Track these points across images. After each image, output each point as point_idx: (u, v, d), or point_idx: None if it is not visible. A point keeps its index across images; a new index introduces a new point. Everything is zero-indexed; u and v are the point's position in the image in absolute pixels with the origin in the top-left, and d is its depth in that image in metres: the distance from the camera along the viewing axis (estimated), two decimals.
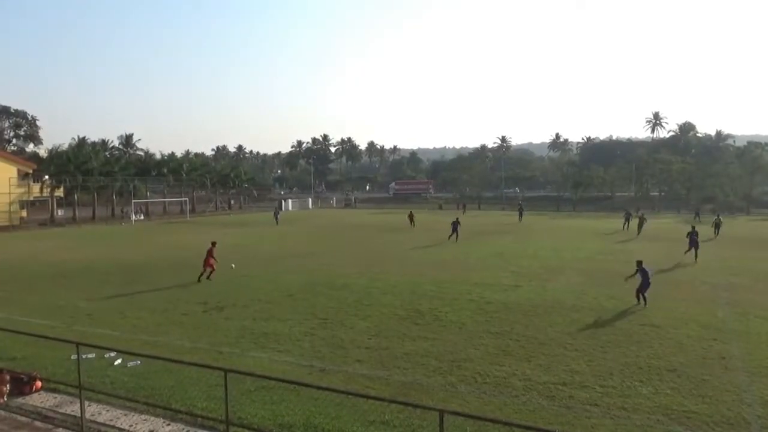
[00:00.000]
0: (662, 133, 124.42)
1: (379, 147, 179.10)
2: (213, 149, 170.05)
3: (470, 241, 35.97)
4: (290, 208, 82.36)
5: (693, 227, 28.35)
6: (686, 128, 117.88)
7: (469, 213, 67.68)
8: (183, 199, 72.53)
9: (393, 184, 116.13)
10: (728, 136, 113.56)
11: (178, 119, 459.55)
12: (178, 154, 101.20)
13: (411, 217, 47.11)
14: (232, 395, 8.12)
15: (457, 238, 34.97)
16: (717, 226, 37.25)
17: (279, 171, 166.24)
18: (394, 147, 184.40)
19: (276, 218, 52.80)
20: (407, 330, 14.58)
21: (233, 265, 23.05)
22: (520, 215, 52.73)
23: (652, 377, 11.05)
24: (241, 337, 14.04)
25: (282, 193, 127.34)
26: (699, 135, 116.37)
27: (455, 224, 35.66)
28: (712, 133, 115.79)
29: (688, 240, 27.08)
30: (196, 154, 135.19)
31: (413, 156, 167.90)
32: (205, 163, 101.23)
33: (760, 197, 79.68)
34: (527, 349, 12.91)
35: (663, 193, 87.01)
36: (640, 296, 16.96)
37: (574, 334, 14.02)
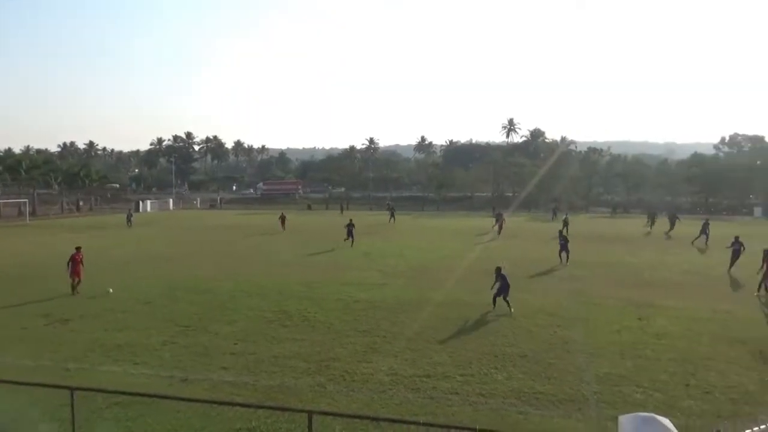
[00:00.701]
0: (516, 138, 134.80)
1: (246, 146, 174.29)
2: (59, 146, 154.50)
3: (339, 241, 36.25)
4: (148, 209, 77.14)
5: (561, 231, 29.28)
6: (536, 134, 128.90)
7: (337, 214, 68.23)
8: (22, 200, 64.97)
9: (261, 184, 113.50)
10: (571, 141, 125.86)
11: (18, 112, 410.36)
12: (17, 150, 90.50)
13: (282, 219, 45.02)
14: (81, 415, 7.40)
15: (353, 242, 32.97)
16: (566, 224, 40.99)
17: (137, 170, 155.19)
18: (263, 146, 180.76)
19: (129, 221, 48.82)
20: (275, 333, 14.31)
21: (110, 290, 19.19)
22: (392, 215, 53.44)
23: (507, 364, 11.90)
24: (90, 350, 12.85)
25: (137, 192, 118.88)
26: (547, 140, 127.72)
27: (350, 227, 33.86)
28: (558, 138, 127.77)
29: (559, 243, 27.06)
30: (39, 151, 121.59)
31: (282, 156, 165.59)
32: (49, 160, 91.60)
33: (597, 197, 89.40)
34: (393, 345, 13.26)
35: (516, 194, 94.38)
36: (496, 300, 16.53)
37: (438, 329, 14.66)
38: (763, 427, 5.67)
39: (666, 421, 5.02)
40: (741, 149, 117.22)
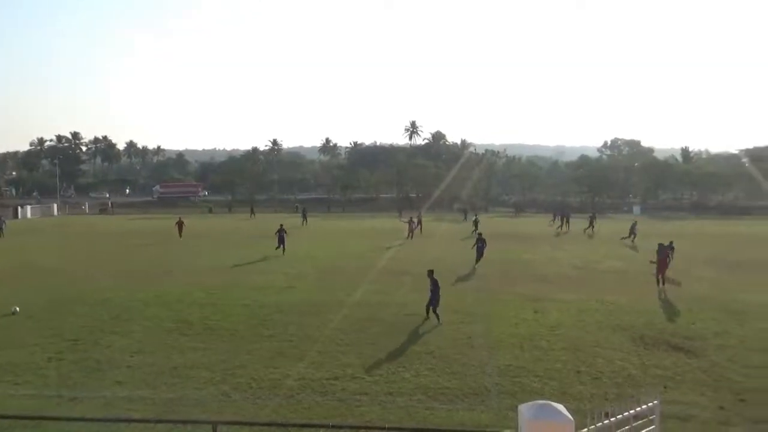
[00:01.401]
0: (419, 141, 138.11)
1: (140, 147, 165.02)
2: None
3: (245, 245, 35.31)
4: (29, 215, 70.81)
5: (480, 233, 27.95)
6: (438, 136, 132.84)
7: (243, 217, 66.45)
8: None
9: (157, 187, 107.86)
10: (471, 144, 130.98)
11: None
12: None
13: (180, 225, 40.43)
14: None
15: (284, 250, 30.08)
16: (476, 223, 42.66)
17: (14, 173, 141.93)
18: (158, 147, 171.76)
19: (0, 229, 42.90)
20: (175, 342, 13.65)
21: (16, 309, 16.73)
22: (304, 218, 52.49)
23: (414, 362, 12.14)
24: None
25: (18, 197, 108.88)
26: (448, 143, 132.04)
27: (281, 233, 30.82)
28: (458, 141, 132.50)
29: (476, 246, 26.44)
30: None
31: (180, 157, 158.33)
32: None
33: (496, 197, 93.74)
34: (301, 348, 13.10)
35: (420, 195, 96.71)
36: (430, 311, 15.49)
37: (346, 330, 14.67)
38: (644, 407, 6.17)
39: (560, 407, 5.34)
40: (621, 152, 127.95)
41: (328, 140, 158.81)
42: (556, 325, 15.17)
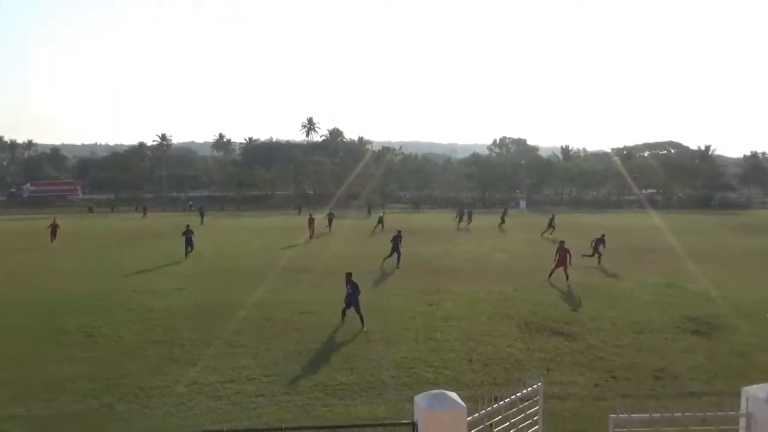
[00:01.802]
0: (316, 137, 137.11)
1: (8, 141, 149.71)
2: None
3: (132, 246, 33.20)
4: None
5: (398, 231, 26.66)
6: (335, 133, 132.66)
7: (128, 217, 62.49)
8: None
9: (28, 185, 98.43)
10: (368, 141, 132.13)
11: None
12: None
13: (53, 228, 34.42)
14: None
15: (191, 250, 27.89)
16: (381, 220, 42.98)
17: None
18: (29, 142, 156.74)
19: None
20: (48, 354, 12.53)
21: None
22: (202, 216, 50.05)
23: (311, 360, 12.05)
24: None
25: None
26: (345, 140, 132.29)
27: (188, 234, 27.95)
28: (356, 138, 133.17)
29: (392, 245, 25.43)
30: None
31: (55, 153, 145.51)
32: None
33: (392, 193, 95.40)
34: (192, 353, 12.54)
35: (317, 192, 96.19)
36: (345, 312, 14.79)
37: (241, 331, 14.25)
38: (529, 389, 6.54)
39: (454, 395, 5.52)
40: (509, 150, 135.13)
41: (221, 135, 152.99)
42: (449, 317, 15.73)
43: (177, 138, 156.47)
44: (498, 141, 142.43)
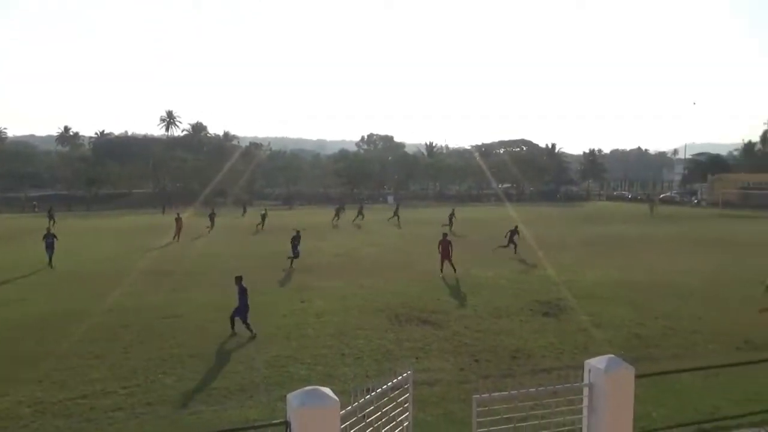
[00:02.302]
0: (177, 132, 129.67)
1: None
2: None
3: None
4: None
5: (297, 231, 25.45)
6: (198, 128, 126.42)
7: None
8: None
9: None
10: (234, 136, 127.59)
11: None
12: None
13: None
14: None
15: (52, 255, 24.30)
16: (263, 217, 41.83)
17: None
18: None
19: None
20: None
21: None
22: (51, 218, 44.06)
23: (176, 366, 11.39)
24: None
25: None
26: (210, 135, 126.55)
27: (50, 239, 24.49)
28: (221, 133, 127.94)
29: (291, 246, 24.66)
30: None
31: None
32: None
33: (260, 190, 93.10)
34: (37, 369, 11.27)
35: (179, 189, 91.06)
36: (234, 321, 13.76)
37: (95, 341, 13.09)
38: (400, 378, 6.73)
39: (327, 390, 5.52)
40: (376, 147, 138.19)
41: (66, 129, 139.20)
42: (321, 313, 15.73)
43: (12, 131, 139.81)
44: (366, 137, 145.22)
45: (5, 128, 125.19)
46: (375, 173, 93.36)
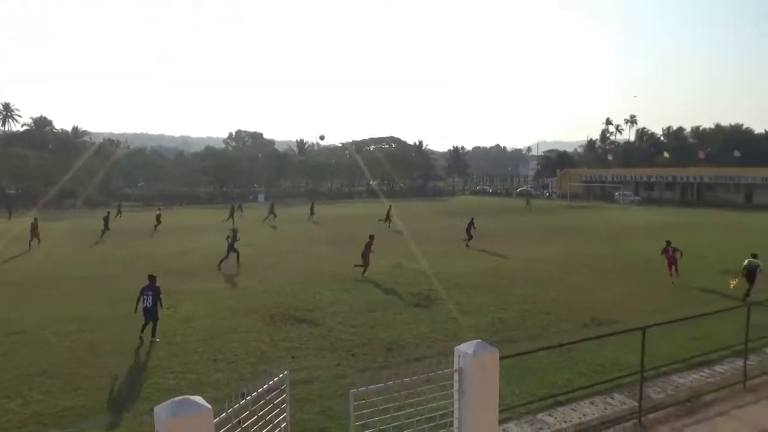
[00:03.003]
0: (16, 127, 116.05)
1: None
2: None
3: None
4: None
5: (233, 230, 24.52)
6: (42, 123, 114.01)
7: None
8: None
9: None
10: (85, 132, 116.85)
11: None
12: None
13: None
14: None
15: None
16: (158, 217, 39.90)
17: None
18: None
19: None
20: None
21: None
22: None
23: (21, 387, 10.17)
24: None
25: None
26: (56, 130, 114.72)
27: None
28: (69, 128, 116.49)
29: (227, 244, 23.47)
30: None
31: None
32: None
33: (116, 190, 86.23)
34: None
35: (20, 190, 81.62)
36: (144, 329, 12.93)
37: None
38: (276, 379, 6.59)
39: (198, 399, 5.24)
40: (245, 143, 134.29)
41: None
42: (190, 318, 14.96)
43: None
44: (234, 134, 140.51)
45: None
46: (244, 171, 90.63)
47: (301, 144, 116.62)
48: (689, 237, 32.41)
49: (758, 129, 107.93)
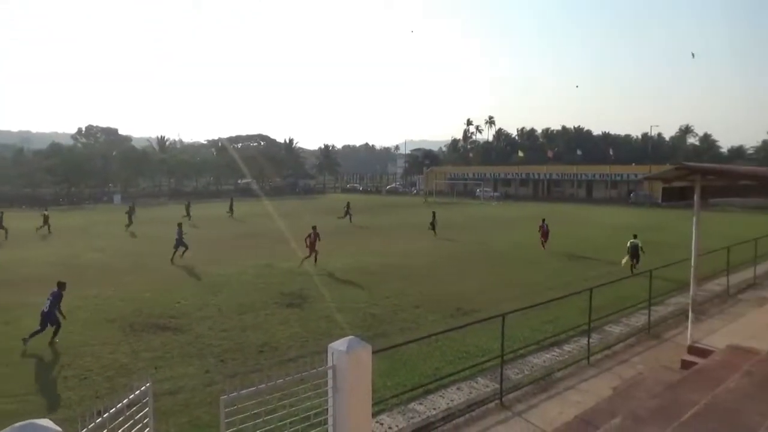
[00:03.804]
0: None
1: None
2: None
3: None
4: None
5: (179, 224, 24.65)
6: None
7: None
8: None
9: None
10: None
11: None
12: None
13: None
14: None
15: None
16: (130, 214, 38.08)
17: None
18: None
19: None
20: None
21: None
22: None
23: None
24: None
25: None
26: None
27: None
28: None
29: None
30: None
31: None
32: None
33: None
34: None
35: None
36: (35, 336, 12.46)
37: None
38: (137, 392, 6.13)
39: (45, 422, 4.70)
40: (98, 140, 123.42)
41: None
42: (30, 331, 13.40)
43: None
44: (84, 130, 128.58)
45: None
46: (97, 170, 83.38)
47: (162, 141, 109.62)
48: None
49: (596, 131, 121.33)
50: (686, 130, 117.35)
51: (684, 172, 9.96)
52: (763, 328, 10.44)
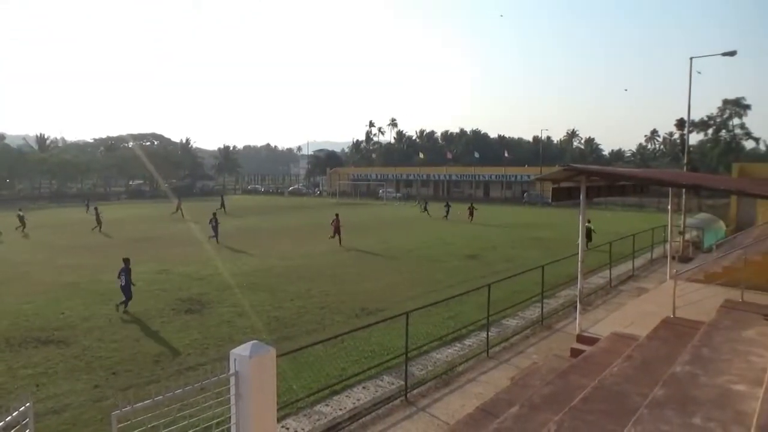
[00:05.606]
0: None
1: None
2: None
3: None
4: None
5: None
6: None
7: None
8: None
9: None
10: None
11: None
12: None
13: None
14: None
15: None
16: (21, 219, 36.27)
17: None
18: None
19: None
20: None
21: None
22: None
23: None
24: None
25: None
26: None
27: None
28: None
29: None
30: None
31: None
32: None
33: None
34: None
35: None
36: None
37: None
38: (15, 413, 5.58)
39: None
40: None
41: None
42: None
43: None
44: None
45: None
46: None
47: (41, 139, 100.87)
48: (441, 229, 36.51)
49: (492, 134, 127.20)
50: (572, 134, 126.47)
51: (571, 173, 10.68)
52: (642, 315, 11.42)
